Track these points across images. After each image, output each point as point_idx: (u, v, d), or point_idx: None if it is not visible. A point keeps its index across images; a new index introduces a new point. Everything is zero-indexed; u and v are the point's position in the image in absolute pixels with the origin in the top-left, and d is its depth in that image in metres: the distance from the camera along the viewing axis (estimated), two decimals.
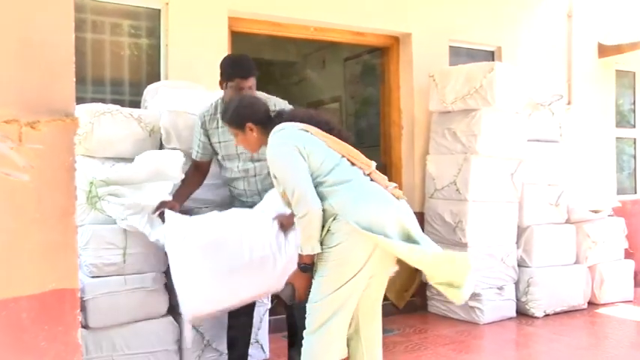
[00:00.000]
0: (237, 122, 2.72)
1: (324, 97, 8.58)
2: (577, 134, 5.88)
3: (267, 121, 2.66)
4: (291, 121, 2.57)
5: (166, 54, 4.22)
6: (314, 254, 2.42)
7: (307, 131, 2.49)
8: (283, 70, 9.13)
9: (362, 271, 2.41)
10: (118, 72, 4.25)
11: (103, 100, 3.70)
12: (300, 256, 2.46)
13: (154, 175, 3.24)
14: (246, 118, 2.69)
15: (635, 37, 6.22)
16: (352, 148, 2.58)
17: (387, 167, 5.37)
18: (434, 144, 5.00)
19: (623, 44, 6.24)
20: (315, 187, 2.38)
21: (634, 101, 6.73)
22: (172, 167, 3.27)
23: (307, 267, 2.47)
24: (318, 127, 2.54)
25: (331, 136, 2.54)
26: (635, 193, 6.69)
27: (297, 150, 2.41)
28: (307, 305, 2.45)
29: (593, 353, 4.02)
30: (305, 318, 2.48)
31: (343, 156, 2.49)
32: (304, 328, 2.48)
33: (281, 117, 2.65)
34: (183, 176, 3.32)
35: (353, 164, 2.50)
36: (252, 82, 3.11)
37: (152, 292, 3.33)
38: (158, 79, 4.20)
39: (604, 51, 6.37)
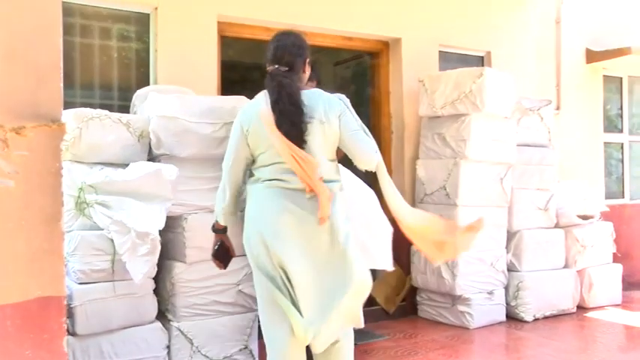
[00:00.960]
0: None
1: None
2: (566, 139, 5.93)
3: None
4: None
5: (155, 58, 4.20)
6: None
7: None
8: None
9: None
10: (107, 76, 4.23)
11: (92, 105, 3.68)
12: None
13: (146, 188, 3.20)
14: None
15: (622, 43, 6.29)
16: None
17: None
18: (423, 149, 5.02)
19: (611, 50, 6.30)
20: None
21: (621, 106, 6.80)
22: (164, 183, 3.24)
23: None
24: None
25: None
26: (623, 197, 6.75)
27: None
28: None
29: (582, 357, 4.04)
30: None
31: None
32: None
33: None
34: (171, 194, 3.27)
35: None
36: None
37: (141, 299, 3.31)
38: (147, 83, 4.18)
39: (592, 57, 6.43)
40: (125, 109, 3.95)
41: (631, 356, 4.03)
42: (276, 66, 2.61)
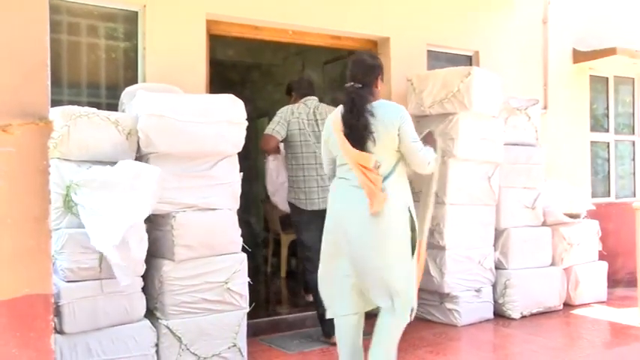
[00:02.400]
0: None
1: None
2: (553, 138, 5.98)
3: None
4: None
5: (144, 56, 4.19)
6: None
7: None
8: (263, 73, 9.13)
9: None
10: (94, 74, 4.22)
11: (80, 103, 3.67)
12: None
13: (124, 188, 3.18)
14: None
15: (608, 43, 6.35)
16: None
17: None
18: None
19: (597, 50, 6.36)
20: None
21: (607, 106, 6.86)
22: (148, 183, 3.22)
23: None
24: None
25: None
26: (609, 196, 6.82)
27: None
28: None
29: (568, 353, 4.08)
30: None
31: None
32: None
33: None
34: (151, 198, 3.23)
35: None
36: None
37: (129, 297, 3.31)
38: (136, 81, 4.17)
39: (578, 57, 6.49)
40: (113, 107, 3.95)
41: (615, 352, 4.08)
42: (352, 83, 3.08)
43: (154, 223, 3.52)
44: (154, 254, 3.51)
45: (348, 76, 3.11)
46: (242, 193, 3.79)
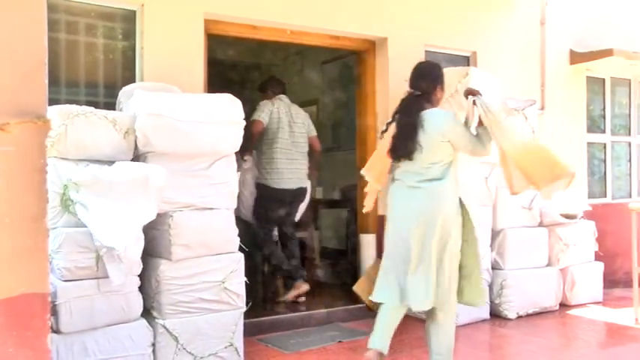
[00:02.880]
0: None
1: (301, 100, 8.59)
2: (550, 139, 5.98)
3: None
4: None
5: (142, 56, 4.19)
6: None
7: None
8: (261, 73, 9.12)
9: None
10: (92, 73, 4.21)
11: (77, 102, 3.66)
12: None
13: (131, 192, 3.18)
14: None
15: (605, 44, 6.36)
16: None
17: None
18: None
19: (594, 51, 6.38)
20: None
21: (604, 107, 6.88)
22: (150, 190, 3.21)
23: None
24: None
25: None
26: (605, 196, 6.83)
27: None
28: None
29: (564, 353, 4.10)
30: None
31: None
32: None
33: None
34: (156, 202, 3.24)
35: None
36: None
37: (126, 296, 3.31)
38: (133, 81, 4.17)
39: (575, 58, 6.50)
40: (111, 106, 3.94)
41: (611, 352, 4.09)
42: (412, 90, 3.35)
43: (151, 222, 3.50)
44: (150, 253, 3.51)
45: (409, 83, 3.35)
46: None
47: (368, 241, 5.24)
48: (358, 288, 4.98)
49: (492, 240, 5.01)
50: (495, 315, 4.94)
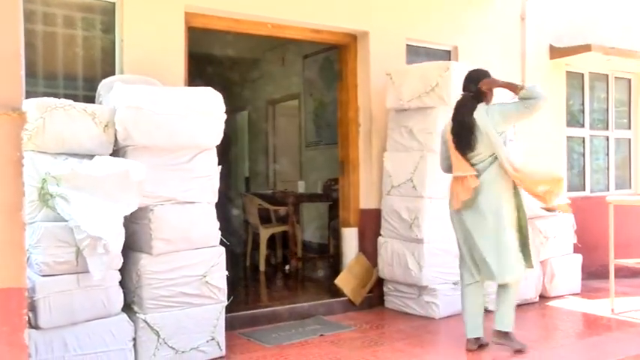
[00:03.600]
0: None
1: (283, 94, 8.60)
2: (530, 133, 6.05)
3: None
4: None
5: (121, 48, 4.15)
6: None
7: None
8: (243, 66, 9.09)
9: None
10: (71, 66, 4.16)
11: (56, 95, 3.62)
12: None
13: (111, 187, 3.16)
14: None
15: (584, 40, 6.44)
16: None
17: (345, 164, 5.42)
18: (391, 141, 5.07)
19: (573, 47, 6.44)
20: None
21: (583, 102, 6.96)
22: (130, 185, 3.19)
23: None
24: None
25: None
26: (584, 190, 6.92)
27: None
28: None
29: (543, 344, 4.15)
30: None
31: None
32: None
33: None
34: (136, 197, 3.22)
35: None
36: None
37: (106, 291, 3.28)
38: (113, 73, 4.13)
39: (555, 53, 6.56)
40: (90, 99, 3.90)
41: (588, 342, 4.17)
42: (464, 92, 3.88)
43: (132, 216, 3.49)
44: (131, 247, 3.49)
45: (462, 86, 3.92)
46: (221, 187, 3.79)
47: (350, 235, 5.26)
48: (340, 281, 5.01)
49: None
50: None
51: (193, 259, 3.58)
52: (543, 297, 5.38)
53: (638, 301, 4.73)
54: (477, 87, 3.84)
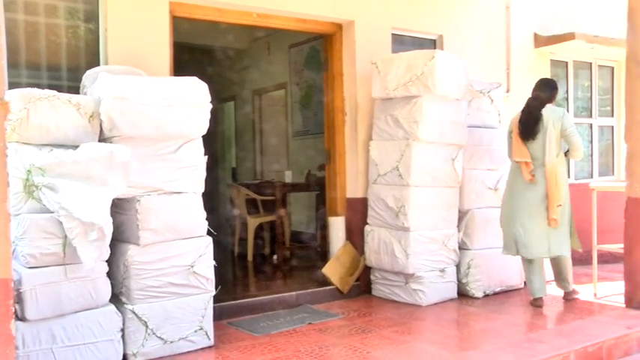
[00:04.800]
0: None
1: (269, 84, 8.57)
2: None
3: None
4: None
5: (106, 38, 4.11)
6: None
7: None
8: (229, 56, 9.05)
9: None
10: (54, 56, 4.12)
11: (40, 86, 3.57)
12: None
13: (96, 171, 3.15)
14: None
15: (568, 28, 6.48)
16: None
17: (331, 153, 5.43)
18: (377, 130, 5.08)
19: (557, 35, 6.49)
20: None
21: (567, 90, 7.02)
22: (116, 166, 3.18)
23: None
24: None
25: None
26: (569, 177, 6.98)
27: None
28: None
29: (528, 329, 4.22)
30: None
31: None
32: None
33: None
34: (123, 178, 3.22)
35: None
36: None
37: (94, 282, 3.28)
38: (98, 64, 4.09)
39: (540, 41, 6.61)
40: (75, 90, 3.87)
41: (571, 326, 4.23)
42: (536, 93, 4.67)
43: (119, 207, 3.49)
44: (118, 238, 3.49)
45: (533, 89, 4.73)
46: (208, 177, 3.79)
47: (337, 224, 5.28)
48: (328, 270, 5.04)
49: (459, 220, 5.10)
50: (463, 294, 5.04)
51: (181, 249, 3.59)
52: None
53: (620, 286, 4.81)
54: (551, 92, 4.67)
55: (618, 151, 7.39)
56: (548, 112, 4.56)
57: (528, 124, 4.55)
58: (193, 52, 7.90)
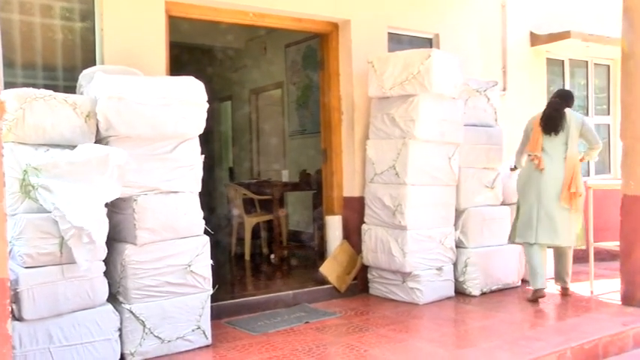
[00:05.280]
0: None
1: (266, 83, 8.57)
2: (511, 119, 6.11)
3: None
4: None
5: (102, 38, 4.10)
6: None
7: None
8: (225, 56, 9.05)
9: None
10: (50, 56, 4.11)
11: (36, 86, 3.57)
12: None
13: (92, 173, 3.15)
14: None
15: (564, 27, 6.50)
16: None
17: (328, 152, 5.44)
18: (373, 129, 5.09)
19: (553, 34, 6.51)
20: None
21: (563, 88, 7.03)
22: (112, 169, 3.18)
23: None
24: None
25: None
26: None
27: None
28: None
29: (525, 326, 4.24)
30: None
31: None
32: None
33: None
34: (118, 182, 3.22)
35: None
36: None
37: (91, 281, 3.28)
38: (94, 63, 4.09)
39: (536, 40, 6.63)
40: (71, 89, 3.87)
41: (567, 323, 4.25)
42: (556, 98, 5.04)
43: (115, 206, 3.49)
44: (115, 238, 3.49)
45: (553, 96, 5.18)
46: (205, 177, 3.79)
47: (334, 223, 5.29)
48: (325, 269, 5.04)
49: (456, 219, 5.11)
50: (460, 292, 5.05)
51: (178, 249, 3.59)
52: (525, 281, 5.46)
53: (617, 283, 4.83)
54: (568, 100, 5.02)
55: (614, 149, 7.41)
56: (570, 113, 4.87)
57: (555, 119, 4.81)
58: (190, 52, 7.90)
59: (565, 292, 5.01)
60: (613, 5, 7.10)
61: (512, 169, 5.40)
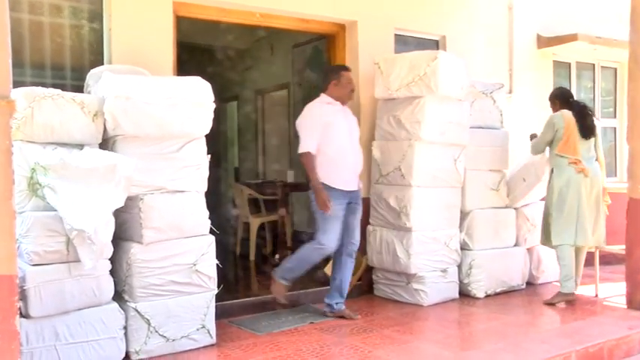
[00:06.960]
0: None
1: (272, 84, 8.58)
2: (517, 122, 6.10)
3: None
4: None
5: (110, 37, 4.13)
6: None
7: None
8: (232, 56, 9.06)
9: None
10: (59, 55, 4.13)
11: (44, 85, 3.59)
12: None
13: (99, 180, 3.17)
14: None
15: (571, 29, 6.48)
16: None
17: None
18: (379, 130, 5.09)
19: (560, 36, 6.49)
20: None
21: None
22: (118, 179, 3.19)
23: None
24: None
25: None
26: None
27: None
28: None
29: (529, 330, 4.23)
30: None
31: None
32: None
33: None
34: (124, 192, 3.23)
35: None
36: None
37: (97, 280, 3.30)
38: (101, 63, 4.11)
39: (542, 42, 6.61)
40: (79, 89, 3.89)
41: (572, 326, 4.24)
42: (579, 102, 5.15)
43: (122, 205, 3.50)
44: (121, 237, 3.51)
45: (568, 94, 5.20)
46: (211, 177, 3.80)
47: None
48: (329, 270, 5.04)
49: (461, 221, 5.11)
50: (464, 294, 5.05)
51: (183, 248, 3.60)
52: (530, 284, 5.47)
53: (622, 287, 4.81)
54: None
55: (621, 153, 7.38)
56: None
57: (592, 124, 4.94)
58: (197, 52, 7.91)
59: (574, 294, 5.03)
60: (620, 8, 7.09)
61: (532, 136, 5.40)
